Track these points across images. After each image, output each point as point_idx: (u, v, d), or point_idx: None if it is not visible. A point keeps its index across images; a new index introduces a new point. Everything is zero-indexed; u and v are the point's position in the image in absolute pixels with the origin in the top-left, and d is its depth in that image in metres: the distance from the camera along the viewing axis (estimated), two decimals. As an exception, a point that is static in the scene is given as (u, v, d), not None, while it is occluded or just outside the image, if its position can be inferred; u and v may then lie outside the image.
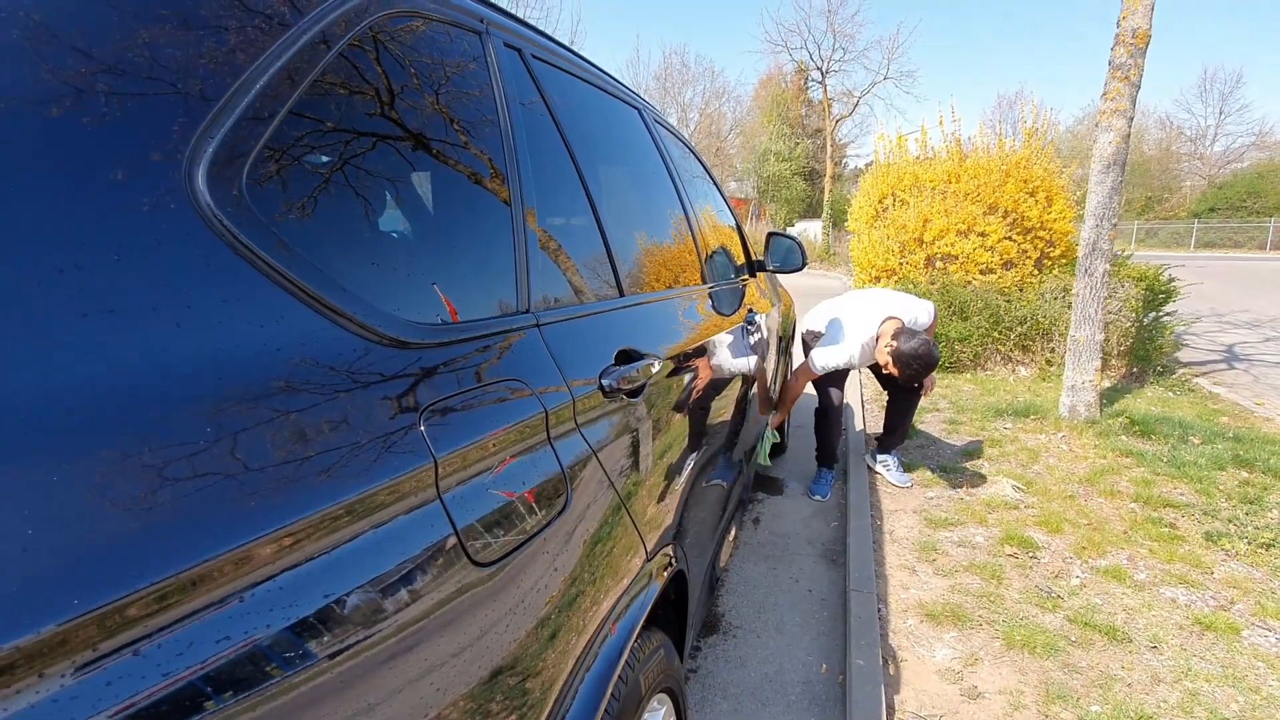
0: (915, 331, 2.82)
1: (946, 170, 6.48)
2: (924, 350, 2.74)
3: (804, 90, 31.29)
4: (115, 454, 0.40)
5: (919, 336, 2.78)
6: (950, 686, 1.92)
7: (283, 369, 0.51)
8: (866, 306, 3.04)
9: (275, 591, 0.45)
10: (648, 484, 1.10)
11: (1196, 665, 1.99)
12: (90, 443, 0.39)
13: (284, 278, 0.53)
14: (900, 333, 2.82)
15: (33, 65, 0.45)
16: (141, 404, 0.42)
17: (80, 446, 0.39)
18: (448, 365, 0.68)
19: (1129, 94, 3.91)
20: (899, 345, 2.77)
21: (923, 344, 2.75)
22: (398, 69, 0.77)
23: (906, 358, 2.75)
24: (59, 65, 0.46)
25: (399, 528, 0.56)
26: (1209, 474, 3.38)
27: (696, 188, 2.13)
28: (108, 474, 0.39)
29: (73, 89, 0.46)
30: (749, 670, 2.00)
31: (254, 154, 0.55)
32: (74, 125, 0.45)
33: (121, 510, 0.39)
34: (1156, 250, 26.60)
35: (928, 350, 2.75)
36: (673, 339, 1.35)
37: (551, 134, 1.11)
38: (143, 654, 0.38)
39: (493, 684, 0.64)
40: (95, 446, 0.39)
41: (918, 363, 2.75)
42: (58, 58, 0.46)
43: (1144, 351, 5.53)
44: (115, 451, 0.40)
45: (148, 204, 0.47)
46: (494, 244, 0.87)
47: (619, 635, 0.90)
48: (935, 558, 2.66)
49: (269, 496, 0.46)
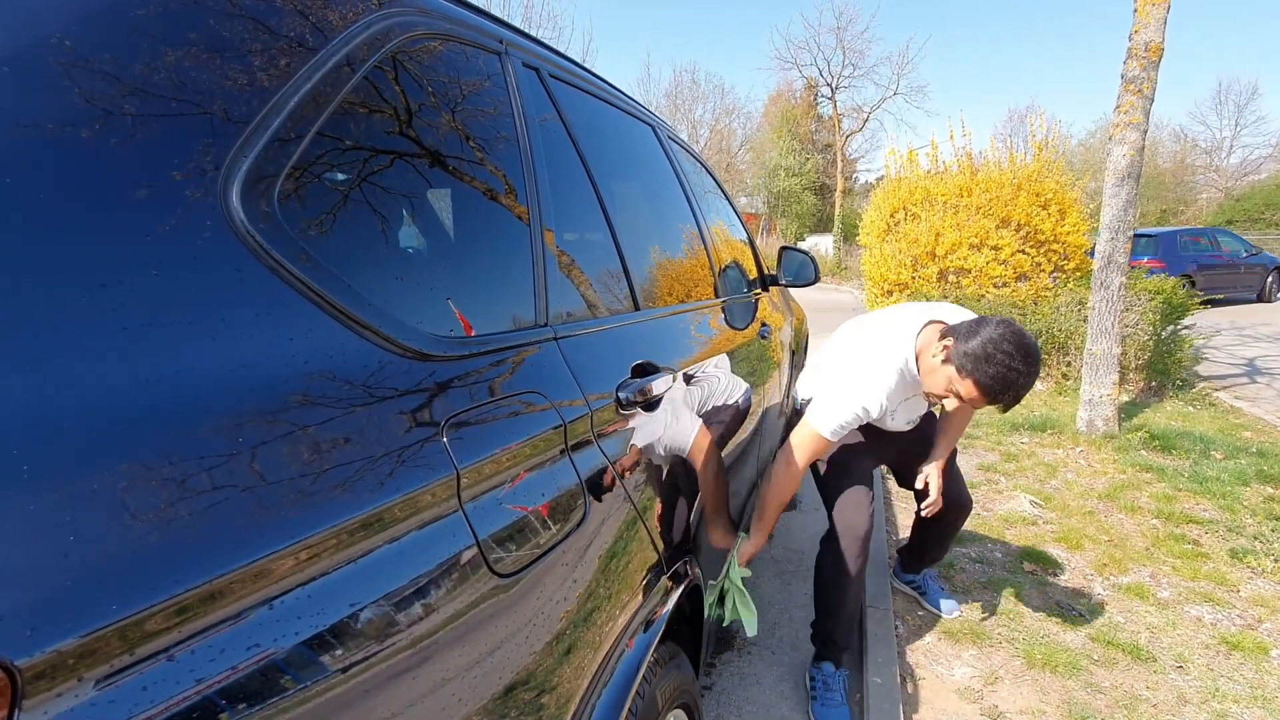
0: (982, 319, 1.59)
1: (958, 184, 6.48)
2: (1012, 336, 1.49)
3: (814, 106, 31.45)
4: (153, 464, 0.41)
5: (991, 320, 1.55)
6: (970, 705, 1.89)
7: (310, 381, 0.52)
8: (890, 320, 1.82)
9: (304, 600, 0.46)
10: (663, 497, 1.10)
11: (1224, 686, 1.95)
12: (128, 452, 0.40)
13: (313, 291, 0.55)
14: (952, 328, 1.61)
15: (74, 93, 0.47)
16: (177, 415, 0.43)
17: (121, 455, 0.40)
18: (468, 377, 0.69)
19: (1142, 107, 3.90)
20: (959, 345, 1.55)
21: (1003, 329, 1.51)
22: (420, 89, 0.79)
23: (983, 356, 1.50)
24: (100, 91, 0.48)
25: (423, 538, 0.56)
26: (1232, 489, 3.32)
27: (709, 203, 2.15)
28: (146, 483, 0.40)
29: (114, 113, 0.48)
30: (764, 688, 1.98)
31: (284, 172, 0.57)
32: (117, 146, 0.47)
33: (156, 519, 0.40)
34: (1173, 263, 26.19)
35: (1019, 333, 1.50)
36: (688, 352, 1.36)
37: (568, 151, 1.12)
38: (177, 659, 0.39)
39: (511, 696, 0.64)
40: (133, 456, 0.40)
41: (1009, 358, 1.48)
42: (99, 84, 0.48)
43: (1162, 365, 5.46)
44: (153, 461, 0.41)
45: (185, 221, 0.48)
46: (512, 258, 0.89)
47: (636, 649, 0.89)
48: (953, 574, 2.62)
49: (299, 505, 0.47)
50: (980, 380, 1.51)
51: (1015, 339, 1.49)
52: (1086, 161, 23.50)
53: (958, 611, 2.33)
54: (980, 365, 1.49)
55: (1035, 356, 1.49)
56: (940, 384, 1.60)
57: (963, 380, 1.54)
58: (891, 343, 1.72)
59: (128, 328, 0.43)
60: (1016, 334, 1.50)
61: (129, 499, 0.39)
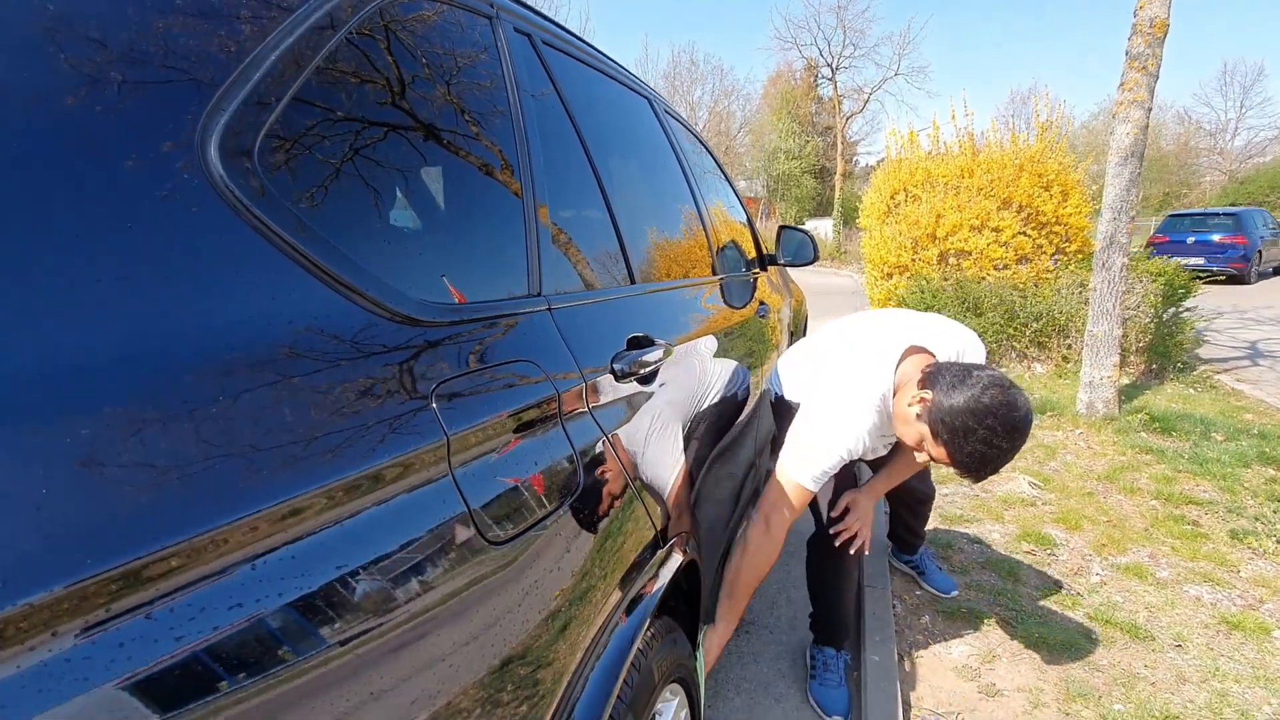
0: (970, 370, 1.36)
1: (959, 165, 6.42)
2: (1000, 409, 1.28)
3: (814, 87, 31.18)
4: (129, 419, 0.39)
5: (982, 377, 1.32)
6: (968, 684, 1.89)
7: (294, 341, 0.50)
8: (868, 340, 1.64)
9: (288, 561, 0.45)
10: (660, 471, 1.09)
11: (1224, 665, 1.95)
12: (104, 407, 0.39)
13: (296, 251, 0.53)
14: (935, 373, 1.39)
15: (41, 36, 0.45)
16: (155, 371, 0.42)
17: (95, 411, 0.38)
18: (459, 344, 0.67)
19: (1147, 84, 3.85)
20: (938, 399, 1.34)
21: (991, 396, 1.29)
22: (407, 50, 0.76)
23: (962, 430, 1.29)
24: (68, 40, 0.46)
25: (411, 503, 0.55)
26: (1233, 471, 3.32)
27: (707, 180, 2.12)
28: (120, 439, 0.39)
29: (86, 63, 0.46)
30: (762, 665, 1.98)
31: (265, 129, 0.55)
32: (89, 96, 0.45)
33: (134, 475, 0.38)
34: (1175, 247, 26.10)
35: (1009, 405, 1.29)
36: (684, 328, 1.34)
37: (562, 119, 1.10)
38: (154, 617, 0.38)
39: (503, 662, 0.63)
40: (109, 411, 0.39)
41: (991, 435, 1.28)
42: (68, 33, 0.46)
43: (1163, 348, 5.45)
44: (129, 417, 0.40)
45: (161, 173, 0.46)
46: (505, 226, 0.87)
47: (631, 622, 0.89)
48: (951, 554, 2.62)
49: (281, 465, 0.45)
50: (954, 455, 1.33)
51: (1003, 412, 1.26)
52: (1089, 144, 23.34)
53: (955, 590, 2.33)
54: (957, 439, 1.30)
55: (1023, 430, 1.29)
56: (912, 437, 1.43)
57: (936, 445, 1.36)
58: (868, 377, 1.53)
59: (101, 280, 0.42)
60: (1006, 405, 1.27)
61: (104, 455, 0.38)
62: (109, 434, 0.38)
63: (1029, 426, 1.31)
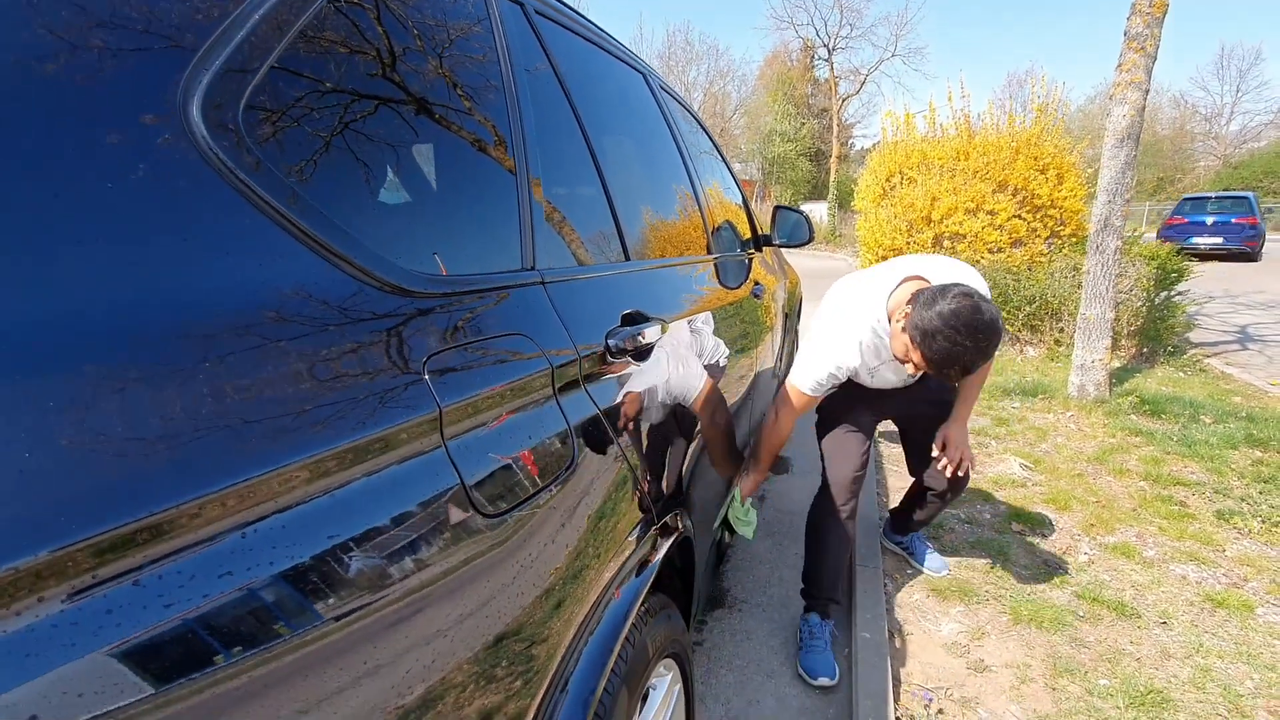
0: (946, 286, 1.50)
1: (955, 148, 6.39)
2: (965, 313, 1.42)
3: (810, 68, 30.92)
4: (114, 385, 0.39)
5: (953, 290, 1.47)
6: (956, 660, 1.92)
7: (281, 306, 0.49)
8: (872, 276, 1.77)
9: (279, 530, 0.44)
10: (655, 449, 1.09)
11: (1208, 642, 1.98)
12: (89, 373, 0.38)
13: (282, 216, 0.52)
14: (926, 295, 1.51)
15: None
16: (140, 338, 0.41)
17: (79, 377, 0.37)
18: (450, 315, 0.66)
19: (1144, 65, 3.83)
20: (916, 313, 1.50)
21: (957, 304, 1.43)
22: (397, 13, 0.74)
23: (930, 331, 1.45)
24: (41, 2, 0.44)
25: (403, 474, 0.54)
26: (1221, 453, 3.35)
27: (703, 159, 2.10)
28: (106, 405, 0.38)
29: (61, 25, 0.44)
30: (755, 643, 2.00)
31: (249, 91, 0.53)
32: (66, 60, 0.43)
33: (122, 441, 0.38)
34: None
35: (973, 309, 1.42)
36: (679, 306, 1.34)
37: (555, 91, 1.08)
38: (142, 584, 0.37)
39: (497, 635, 0.63)
40: (94, 377, 0.38)
41: (955, 333, 1.42)
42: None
43: (1155, 331, 5.48)
44: (114, 383, 0.39)
45: (141, 132, 0.45)
46: (499, 200, 0.86)
47: (624, 597, 0.89)
48: (941, 534, 2.65)
49: (269, 433, 0.45)
50: (925, 354, 1.48)
51: (968, 315, 1.41)
52: (1085, 127, 23.28)
53: (946, 570, 2.36)
54: (927, 339, 1.46)
55: (986, 331, 1.42)
56: (900, 350, 1.59)
57: (914, 350, 1.51)
58: (865, 302, 1.70)
59: (82, 241, 0.40)
60: (971, 309, 1.42)
61: (91, 421, 0.37)
62: (95, 400, 0.37)
63: (992, 330, 1.44)
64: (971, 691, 1.79)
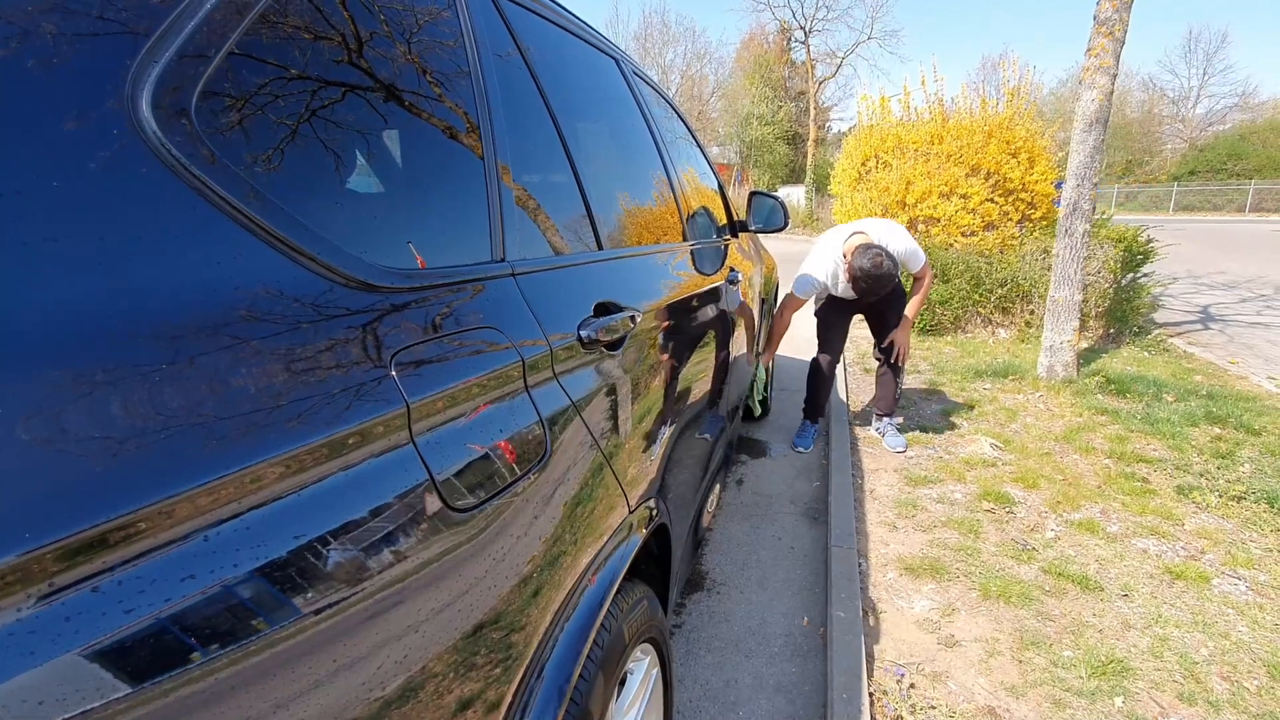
0: (871, 246, 2.81)
1: (929, 132, 6.44)
2: (870, 264, 2.74)
3: (787, 51, 30.82)
4: (64, 387, 0.38)
5: (872, 250, 2.77)
6: (928, 636, 1.97)
7: (240, 306, 0.49)
8: (840, 230, 3.09)
9: (242, 532, 0.44)
10: (629, 437, 1.09)
11: (1166, 612, 2.06)
12: (40, 376, 0.37)
13: (239, 213, 0.51)
14: (858, 249, 2.81)
15: None
16: (90, 338, 0.40)
17: (26, 377, 0.37)
18: (418, 310, 0.66)
19: (1113, 50, 3.88)
20: (851, 261, 2.82)
21: (872, 257, 2.75)
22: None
23: (856, 273, 2.80)
24: None
25: (369, 471, 0.54)
26: (1182, 430, 3.46)
27: (678, 145, 2.09)
28: (55, 407, 0.37)
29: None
30: (733, 624, 2.04)
31: (203, 83, 0.52)
32: (4, 46, 0.42)
33: (73, 444, 0.37)
34: (1136, 214, 26.85)
35: (874, 263, 2.74)
36: (653, 295, 1.34)
37: (524, 77, 1.07)
38: (101, 590, 0.37)
39: (471, 628, 0.64)
40: (42, 378, 0.37)
41: (865, 279, 2.78)
42: None
43: (1121, 312, 5.61)
44: (64, 384, 0.38)
45: (87, 127, 0.44)
46: (467, 190, 0.85)
47: (599, 585, 0.90)
48: (915, 514, 2.71)
49: (231, 435, 0.44)
50: (853, 283, 2.88)
51: (870, 269, 2.77)
52: (1057, 111, 23.55)
53: (903, 447, 3.35)
54: (853, 276, 2.85)
55: (881, 279, 2.79)
56: (846, 277, 2.94)
57: (850, 278, 2.89)
58: (832, 246, 3.07)
59: (27, 243, 0.39)
60: (874, 266, 2.77)
61: (44, 424, 0.36)
62: (49, 403, 0.37)
63: (885, 278, 2.80)
64: (942, 666, 1.84)
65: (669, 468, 1.32)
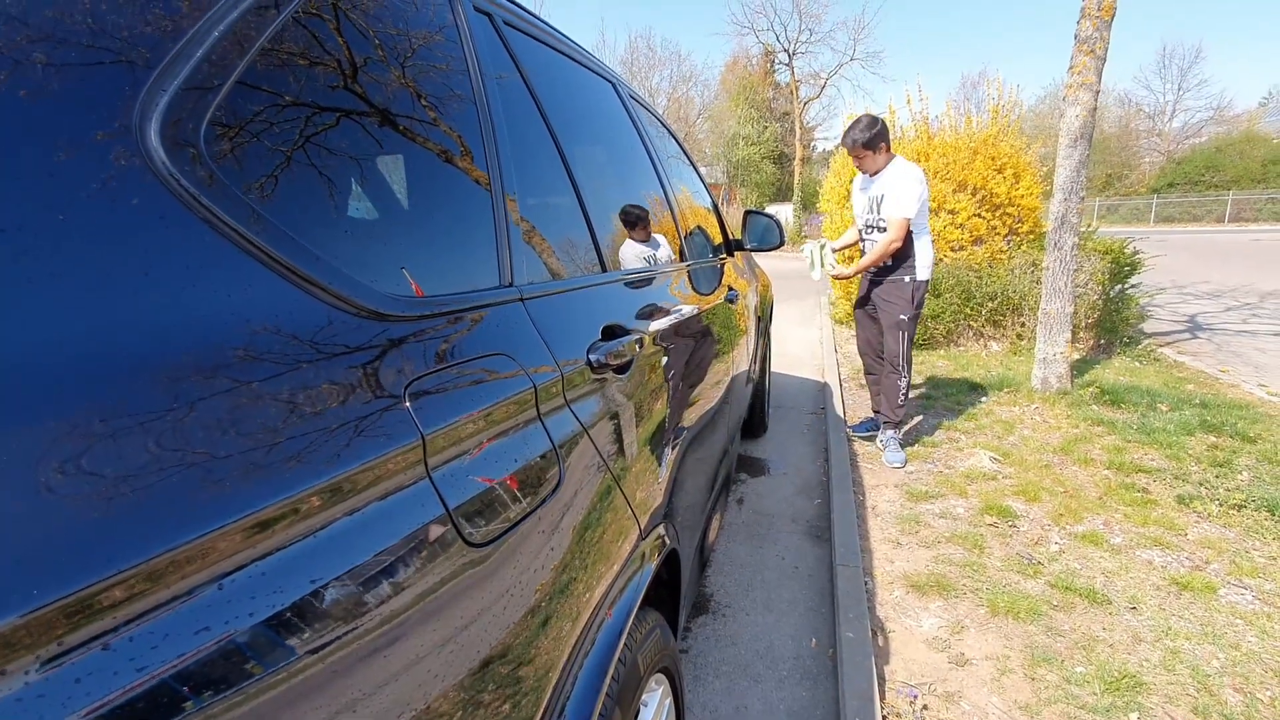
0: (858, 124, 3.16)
1: (915, 149, 6.51)
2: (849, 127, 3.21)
3: (771, 73, 31.31)
4: (71, 433, 0.36)
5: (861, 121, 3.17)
6: (938, 655, 1.94)
7: (252, 339, 0.47)
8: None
9: (257, 578, 0.42)
10: (639, 462, 1.07)
11: (1176, 624, 2.04)
12: (42, 420, 0.35)
13: (250, 243, 0.49)
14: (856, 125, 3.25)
15: None
16: (98, 378, 0.38)
17: (31, 424, 0.35)
18: (430, 339, 0.64)
19: (1095, 67, 3.95)
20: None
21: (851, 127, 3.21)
22: (364, 26, 0.72)
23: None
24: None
25: (387, 508, 0.52)
26: (1178, 439, 3.47)
27: (672, 165, 2.10)
28: (61, 455, 0.35)
29: (5, 34, 0.41)
30: (740, 648, 2.00)
31: (211, 112, 0.51)
32: (8, 70, 0.40)
33: (80, 494, 0.35)
34: (1117, 226, 27.22)
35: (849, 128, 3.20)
36: (656, 316, 1.33)
37: (526, 102, 1.06)
38: (112, 648, 0.34)
39: (491, 668, 0.61)
40: (47, 424, 0.35)
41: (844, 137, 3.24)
42: None
43: (1111, 323, 5.66)
44: (71, 430, 0.36)
45: (95, 159, 0.42)
46: (474, 215, 0.84)
47: (616, 617, 0.87)
48: (918, 530, 2.69)
49: (245, 476, 0.42)
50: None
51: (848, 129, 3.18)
52: (1037, 127, 24.00)
53: (902, 461, 3.30)
54: None
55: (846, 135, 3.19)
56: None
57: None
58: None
59: (33, 280, 0.38)
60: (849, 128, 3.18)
61: (45, 472, 0.34)
62: (49, 449, 0.35)
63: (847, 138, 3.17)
64: (954, 685, 1.81)
65: (676, 491, 1.30)
